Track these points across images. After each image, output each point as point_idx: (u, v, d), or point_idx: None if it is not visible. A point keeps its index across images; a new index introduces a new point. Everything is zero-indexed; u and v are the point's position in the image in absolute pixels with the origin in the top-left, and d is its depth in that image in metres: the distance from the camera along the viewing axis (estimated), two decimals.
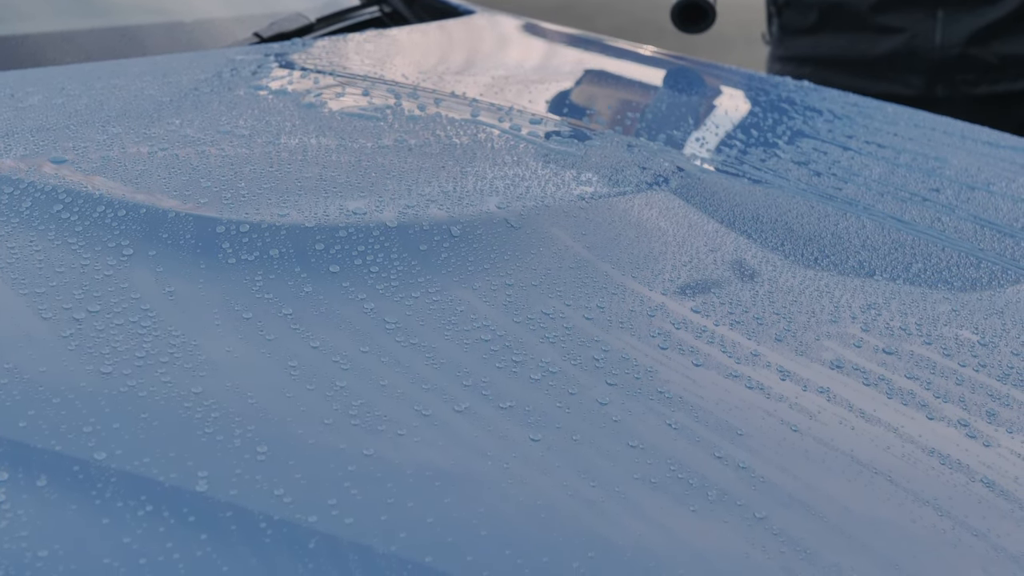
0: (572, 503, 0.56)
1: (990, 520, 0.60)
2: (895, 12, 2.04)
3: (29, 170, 0.77)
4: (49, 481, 0.53)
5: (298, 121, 0.98)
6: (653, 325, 0.73)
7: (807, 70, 2.05)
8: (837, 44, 2.10)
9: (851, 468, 0.62)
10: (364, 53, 1.36)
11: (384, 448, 0.58)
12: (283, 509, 0.53)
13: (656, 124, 1.27)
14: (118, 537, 0.51)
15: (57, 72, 1.07)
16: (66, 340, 0.62)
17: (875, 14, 2.05)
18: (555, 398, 0.64)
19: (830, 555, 0.56)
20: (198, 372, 0.61)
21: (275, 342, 0.65)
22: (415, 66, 1.36)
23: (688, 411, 0.65)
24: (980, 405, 0.70)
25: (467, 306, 0.71)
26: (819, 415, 0.66)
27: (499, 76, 1.39)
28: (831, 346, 0.74)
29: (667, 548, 0.55)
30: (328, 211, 0.77)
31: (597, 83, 1.54)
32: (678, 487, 0.58)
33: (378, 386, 0.62)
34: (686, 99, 1.47)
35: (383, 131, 0.98)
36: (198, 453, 0.56)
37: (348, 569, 0.51)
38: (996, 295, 0.88)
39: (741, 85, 1.57)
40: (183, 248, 0.71)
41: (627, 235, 0.84)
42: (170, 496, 0.53)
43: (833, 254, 0.90)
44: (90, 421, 0.56)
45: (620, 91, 1.51)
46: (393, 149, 0.92)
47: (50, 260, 0.68)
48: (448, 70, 1.37)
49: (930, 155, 1.26)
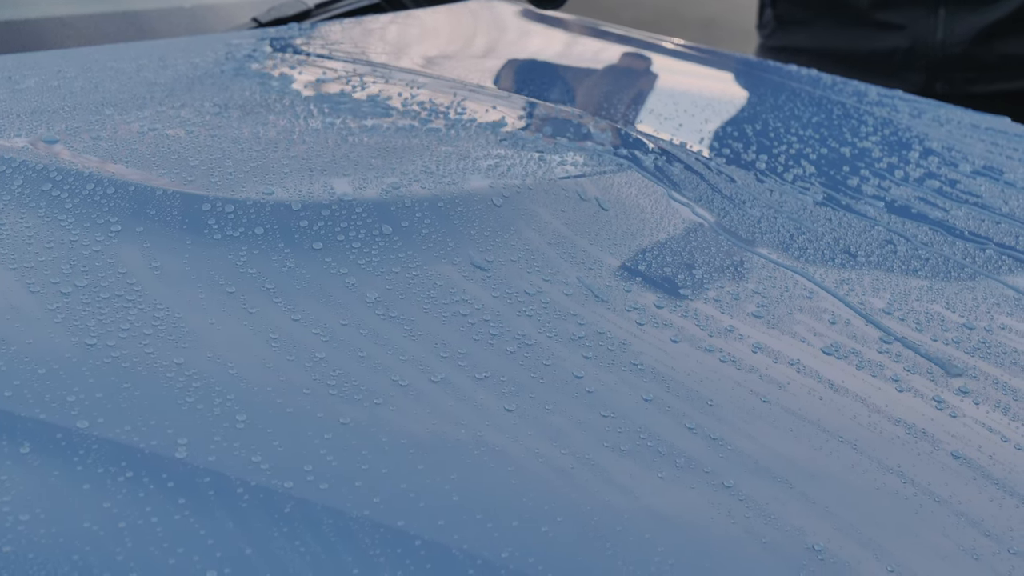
0: (543, 470, 0.58)
1: (953, 487, 0.61)
2: (895, 9, 2.03)
3: (22, 149, 0.79)
4: (32, 448, 0.55)
5: (290, 104, 1.00)
6: (629, 300, 0.74)
7: (801, 62, 2.05)
8: (834, 38, 2.08)
9: (817, 437, 0.63)
10: (362, 38, 1.38)
11: (360, 417, 0.59)
12: (260, 475, 0.55)
13: (642, 110, 1.28)
14: (99, 502, 0.52)
15: (55, 56, 1.08)
16: (52, 313, 0.63)
17: (875, 10, 2.04)
18: (530, 370, 0.65)
19: (795, 519, 0.57)
20: (180, 343, 0.62)
21: (257, 315, 0.66)
22: (412, 51, 1.38)
23: (660, 382, 0.66)
24: (946, 377, 0.71)
25: (446, 281, 0.73)
26: (788, 386, 0.68)
27: (494, 62, 1.40)
28: (803, 320, 0.76)
29: (635, 513, 0.56)
30: (313, 190, 0.78)
31: (588, 69, 1.55)
32: (648, 455, 0.60)
33: (356, 357, 0.64)
34: (670, 84, 1.48)
35: (375, 114, 0.99)
36: (178, 421, 0.57)
37: (322, 533, 0.52)
38: (969, 272, 0.89)
39: (728, 69, 1.58)
40: (170, 225, 0.72)
41: (606, 214, 0.86)
42: (150, 462, 0.55)
43: (809, 232, 0.91)
44: (74, 391, 0.58)
45: (610, 77, 1.52)
46: (382, 131, 0.94)
47: (40, 236, 0.70)
48: (444, 55, 1.39)
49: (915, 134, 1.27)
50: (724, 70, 1.58)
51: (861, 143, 1.19)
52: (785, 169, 1.05)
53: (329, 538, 0.52)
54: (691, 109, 1.28)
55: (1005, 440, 0.66)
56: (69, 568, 0.49)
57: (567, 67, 1.54)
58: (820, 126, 1.23)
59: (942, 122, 1.33)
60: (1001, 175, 1.14)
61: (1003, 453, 0.65)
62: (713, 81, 1.53)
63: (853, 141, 1.19)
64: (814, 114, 1.29)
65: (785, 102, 1.35)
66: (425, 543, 0.53)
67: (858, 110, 1.34)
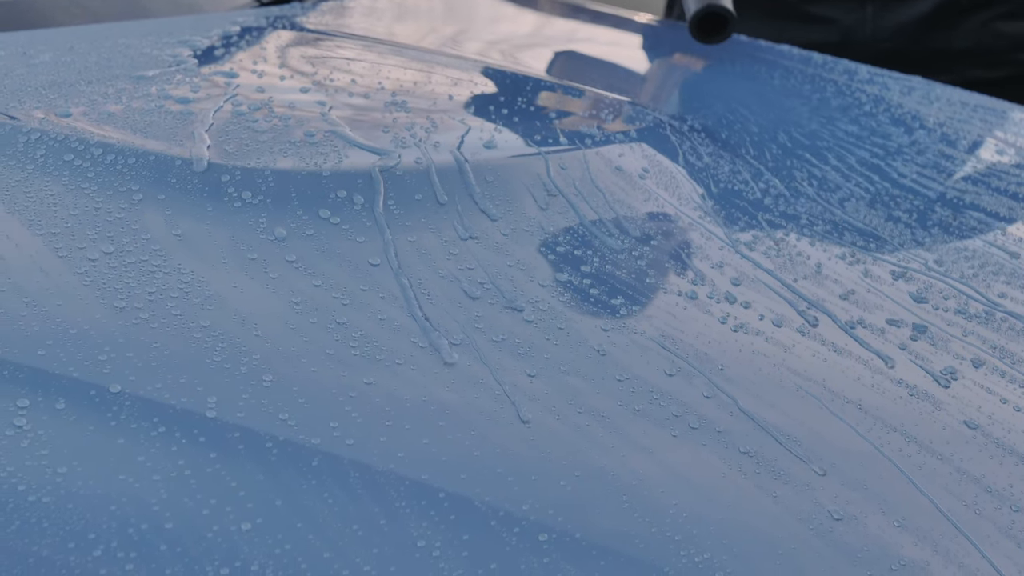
0: (560, 427, 0.60)
1: (954, 445, 0.64)
2: (826, 3, 2.03)
3: (43, 121, 0.80)
4: (67, 404, 0.56)
5: (298, 80, 1.01)
6: (641, 264, 0.77)
7: None
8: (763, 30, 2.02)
9: (824, 397, 0.66)
10: (366, 16, 1.39)
11: (382, 377, 0.61)
12: (288, 430, 0.56)
13: (639, 84, 1.30)
14: (133, 455, 0.54)
15: (66, 32, 1.10)
16: (80, 276, 0.65)
17: (805, 4, 2.04)
18: (545, 333, 0.67)
19: (802, 476, 0.59)
20: (206, 306, 0.64)
21: (279, 280, 0.68)
22: (416, 28, 1.39)
23: (673, 346, 0.68)
24: (948, 340, 0.74)
25: (462, 248, 0.75)
26: (794, 348, 0.70)
27: (496, 38, 1.42)
28: (807, 287, 0.78)
29: (648, 468, 0.59)
30: (328, 159, 0.80)
31: (586, 47, 1.56)
32: (660, 414, 0.62)
33: (376, 320, 0.66)
34: (668, 61, 1.50)
35: (379, 89, 1.01)
36: (207, 380, 0.59)
37: (349, 485, 0.54)
38: (972, 239, 0.91)
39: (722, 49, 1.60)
40: (190, 193, 0.74)
41: (615, 182, 0.88)
42: (181, 418, 0.56)
43: (817, 198, 0.93)
44: (105, 350, 0.60)
45: (608, 54, 1.54)
46: (387, 106, 0.95)
47: (65, 203, 0.72)
48: (448, 32, 1.40)
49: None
50: (711, 49, 1.60)
51: (857, 122, 1.21)
52: (783, 145, 1.07)
53: (356, 490, 0.54)
54: (681, 85, 1.30)
55: (1004, 402, 0.68)
56: (107, 518, 0.51)
57: (570, 45, 1.56)
58: (818, 108, 1.25)
59: (932, 100, 1.35)
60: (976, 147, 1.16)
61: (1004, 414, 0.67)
62: (701, 58, 1.54)
63: (855, 120, 1.21)
64: (811, 93, 1.31)
65: (779, 80, 1.37)
66: (448, 495, 0.55)
67: (850, 87, 1.36)
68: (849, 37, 2.01)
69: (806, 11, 2.04)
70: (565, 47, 1.54)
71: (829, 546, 0.55)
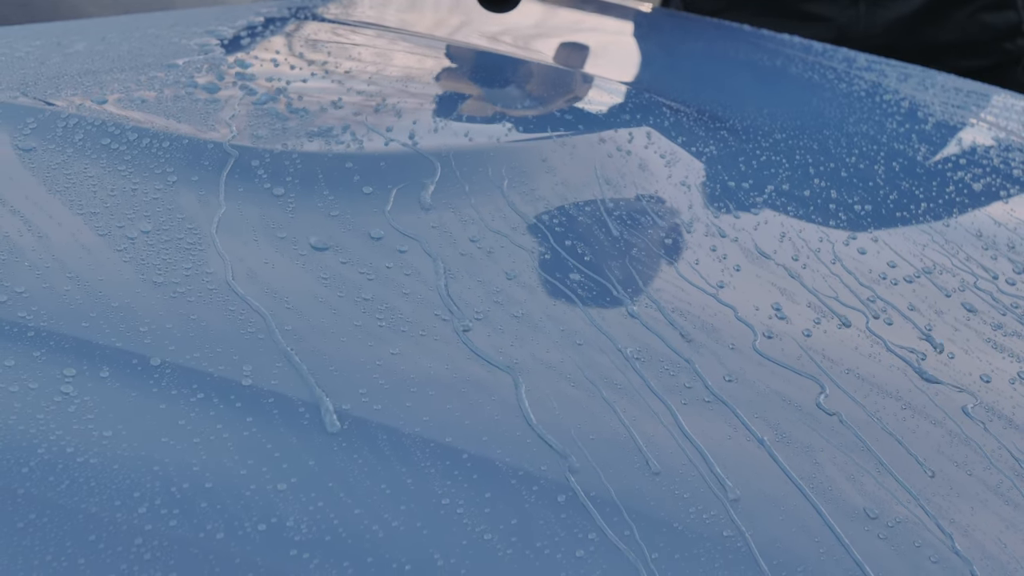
0: (576, 393, 0.63)
1: (949, 410, 0.67)
2: (820, 1, 2.05)
3: (80, 107, 0.84)
4: (111, 373, 0.60)
5: (321, 68, 1.05)
6: (651, 241, 0.80)
7: None
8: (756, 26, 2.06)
9: (825, 365, 0.69)
10: (388, 6, 1.42)
11: (407, 347, 0.65)
12: (319, 396, 0.60)
13: (637, 70, 1.33)
14: (174, 420, 0.57)
15: (98, 23, 1.13)
16: (120, 253, 0.68)
17: (800, 2, 2.05)
18: (561, 308, 0.70)
19: (806, 438, 0.62)
20: (239, 282, 0.67)
21: (307, 257, 0.71)
22: (434, 17, 1.42)
23: (679, 319, 0.71)
24: (946, 313, 0.77)
25: (481, 226, 0.78)
26: (793, 320, 0.73)
27: (513, 25, 1.45)
28: (808, 263, 0.81)
29: (658, 430, 0.62)
30: (352, 144, 0.83)
31: (591, 36, 1.59)
32: (670, 383, 0.65)
33: (401, 294, 0.69)
34: (665, 47, 1.53)
35: (398, 78, 1.04)
36: (243, 349, 0.62)
37: (377, 447, 0.58)
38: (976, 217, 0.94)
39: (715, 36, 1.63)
40: (222, 174, 0.78)
41: (618, 162, 0.91)
42: (219, 385, 0.60)
43: (817, 180, 0.96)
44: (145, 322, 0.63)
45: (613, 43, 1.57)
46: (407, 94, 0.99)
47: (103, 185, 0.75)
48: (465, 20, 1.43)
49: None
50: (713, 37, 1.63)
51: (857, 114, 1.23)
52: (785, 130, 1.10)
53: (384, 452, 0.57)
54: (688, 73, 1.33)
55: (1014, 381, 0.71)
56: (151, 477, 0.54)
57: (582, 35, 1.59)
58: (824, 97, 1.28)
59: (927, 86, 1.38)
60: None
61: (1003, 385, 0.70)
62: (701, 45, 1.57)
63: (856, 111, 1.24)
64: (811, 79, 1.34)
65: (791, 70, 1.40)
66: (471, 456, 0.58)
67: (848, 74, 1.39)
68: (843, 33, 2.04)
69: (801, 9, 2.06)
70: (572, 36, 1.57)
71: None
